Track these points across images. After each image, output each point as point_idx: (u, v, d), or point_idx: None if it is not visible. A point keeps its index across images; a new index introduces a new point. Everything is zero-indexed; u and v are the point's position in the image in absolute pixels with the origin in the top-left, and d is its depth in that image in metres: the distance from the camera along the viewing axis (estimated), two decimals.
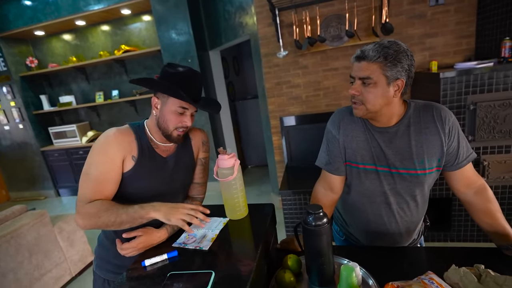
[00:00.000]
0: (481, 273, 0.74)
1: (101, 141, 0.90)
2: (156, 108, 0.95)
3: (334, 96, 2.57)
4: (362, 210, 1.02)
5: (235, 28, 2.97)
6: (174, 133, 0.95)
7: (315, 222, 0.78)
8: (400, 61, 0.81)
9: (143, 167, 0.94)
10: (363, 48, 0.85)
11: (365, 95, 0.86)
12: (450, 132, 0.88)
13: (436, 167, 0.91)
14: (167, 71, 0.92)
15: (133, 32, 3.85)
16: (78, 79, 4.25)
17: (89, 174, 0.87)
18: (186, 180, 1.09)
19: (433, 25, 2.21)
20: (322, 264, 0.81)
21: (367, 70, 0.83)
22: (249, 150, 4.65)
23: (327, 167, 1.02)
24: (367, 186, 0.97)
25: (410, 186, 0.93)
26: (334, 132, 0.99)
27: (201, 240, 0.88)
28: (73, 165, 4.25)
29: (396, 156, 0.91)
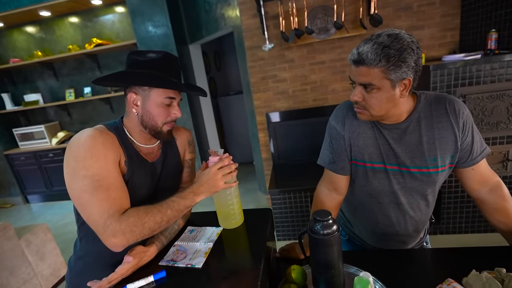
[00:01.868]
0: (503, 278, 0.68)
1: (89, 145, 0.71)
2: (136, 105, 0.81)
3: (322, 91, 2.50)
4: (369, 210, 0.95)
5: (216, 20, 2.82)
6: (164, 128, 0.84)
7: (324, 231, 0.69)
8: (405, 60, 0.70)
9: (135, 174, 0.81)
10: (360, 50, 0.72)
11: (368, 100, 0.77)
12: (464, 126, 0.80)
13: (449, 164, 0.84)
14: (136, 60, 0.79)
15: (105, 24, 3.58)
16: (45, 76, 3.91)
17: (101, 187, 0.69)
18: (174, 185, 0.97)
19: (419, 18, 2.20)
20: (332, 276, 0.72)
21: (367, 76, 0.73)
22: (232, 148, 4.52)
23: (331, 166, 0.93)
24: (375, 186, 0.89)
25: (422, 186, 0.86)
26: (338, 128, 0.90)
27: (193, 256, 0.76)
28: (43, 169, 3.93)
29: (406, 154, 0.83)
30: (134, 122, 0.83)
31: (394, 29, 0.73)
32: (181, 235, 0.87)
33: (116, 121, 0.86)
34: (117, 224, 0.67)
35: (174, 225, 0.89)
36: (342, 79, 2.45)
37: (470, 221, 2.03)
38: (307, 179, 2.26)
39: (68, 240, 2.79)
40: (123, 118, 0.87)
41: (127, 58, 0.81)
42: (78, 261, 0.87)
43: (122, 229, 0.67)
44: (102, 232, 0.68)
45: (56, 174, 3.90)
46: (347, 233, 1.11)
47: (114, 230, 0.67)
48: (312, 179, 2.24)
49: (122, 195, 0.73)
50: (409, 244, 0.99)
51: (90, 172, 0.69)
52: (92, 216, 0.68)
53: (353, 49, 0.76)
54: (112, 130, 0.80)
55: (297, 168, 2.53)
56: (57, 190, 4.00)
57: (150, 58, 0.78)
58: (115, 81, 0.81)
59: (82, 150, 0.71)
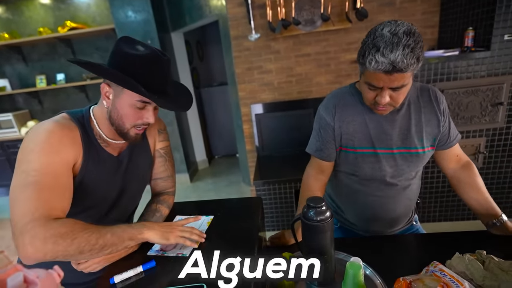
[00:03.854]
0: (484, 260, 0.72)
1: (43, 138, 0.65)
2: (108, 98, 0.74)
3: (306, 83, 2.51)
4: (360, 194, 0.98)
5: (201, 7, 2.73)
6: (132, 131, 0.75)
7: (317, 217, 0.69)
8: (423, 51, 0.74)
9: (90, 172, 0.74)
10: (393, 59, 0.69)
11: (396, 98, 0.80)
12: (444, 112, 0.90)
13: (431, 146, 0.91)
14: (122, 50, 0.70)
15: (80, 7, 3.37)
16: (13, 60, 3.63)
17: (33, 183, 0.60)
18: (142, 181, 0.90)
19: (401, 14, 2.25)
20: (324, 262, 0.73)
21: (401, 80, 0.74)
22: (215, 140, 4.47)
23: (318, 153, 0.97)
24: (365, 171, 0.93)
25: (411, 166, 0.92)
26: (328, 119, 0.93)
27: (183, 245, 0.74)
28: (11, 160, 3.68)
29: (398, 135, 0.90)
30: (104, 115, 0.76)
31: (396, 22, 0.73)
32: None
33: (83, 109, 0.78)
34: (41, 230, 0.56)
35: (156, 212, 0.85)
36: (327, 72, 2.47)
37: (444, 210, 2.15)
38: (292, 170, 2.28)
39: None
40: (92, 106, 0.79)
41: (115, 43, 0.73)
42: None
43: (45, 237, 0.56)
44: (17, 236, 0.56)
45: None
46: (338, 221, 1.13)
47: (34, 237, 0.55)
48: (296, 170, 2.26)
49: (57, 200, 0.63)
50: (400, 224, 1.03)
51: (30, 167, 0.62)
52: (14, 216, 0.58)
53: (376, 56, 0.71)
54: (76, 121, 0.73)
55: (281, 160, 2.54)
56: None
57: (137, 52, 0.70)
58: (90, 68, 0.72)
59: (32, 143, 0.65)
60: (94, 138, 0.76)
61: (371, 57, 0.72)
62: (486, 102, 1.86)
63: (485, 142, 1.95)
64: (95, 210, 0.79)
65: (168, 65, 0.75)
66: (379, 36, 0.72)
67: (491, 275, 0.67)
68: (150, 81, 0.70)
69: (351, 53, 2.39)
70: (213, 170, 4.10)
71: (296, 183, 2.19)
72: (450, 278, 0.64)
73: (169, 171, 0.94)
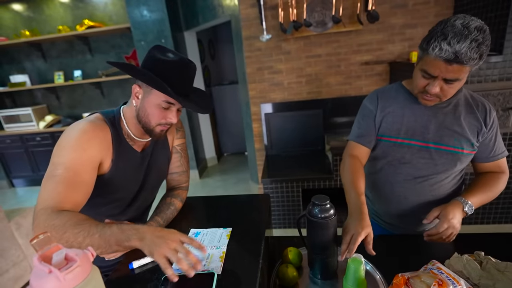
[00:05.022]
0: (482, 260, 0.75)
1: (75, 136, 0.72)
2: (137, 98, 0.81)
3: (316, 84, 2.54)
4: (388, 185, 1.02)
5: (214, 7, 2.79)
6: (157, 129, 0.82)
7: (322, 214, 0.74)
8: (488, 51, 0.74)
9: (119, 169, 0.81)
10: (458, 49, 0.70)
11: (446, 91, 0.81)
12: (491, 126, 0.91)
13: (469, 150, 0.92)
14: (154, 56, 0.78)
15: (97, 6, 3.47)
16: (33, 57, 3.78)
17: (56, 176, 0.67)
18: (161, 175, 0.98)
19: (414, 16, 2.24)
20: (327, 257, 0.77)
21: (458, 73, 0.75)
22: (224, 137, 4.54)
23: (358, 139, 1.02)
24: (398, 160, 0.97)
25: (445, 164, 0.94)
26: (371, 107, 1.00)
27: (207, 262, 0.70)
28: (29, 152, 3.84)
29: (437, 131, 0.92)
30: (133, 114, 0.83)
31: (471, 18, 0.73)
32: None
33: (114, 110, 0.86)
34: (42, 219, 0.62)
35: (170, 206, 0.91)
36: (337, 73, 2.49)
37: None
38: (299, 169, 2.32)
39: None
40: (123, 106, 0.87)
41: (149, 50, 0.81)
42: None
43: (44, 226, 0.61)
44: (35, 217, 0.65)
45: (43, 158, 3.82)
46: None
47: (38, 224, 0.62)
48: (304, 170, 2.30)
49: (71, 194, 0.68)
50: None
51: (58, 160, 0.69)
52: (38, 198, 0.67)
53: (442, 44, 0.72)
54: (108, 122, 0.80)
55: (289, 159, 2.58)
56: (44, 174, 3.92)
57: (165, 58, 0.77)
58: (125, 69, 0.79)
59: (66, 140, 0.72)
60: (123, 136, 0.84)
61: (436, 44, 0.73)
62: (497, 107, 1.85)
63: None
64: (121, 202, 0.86)
65: (194, 71, 0.82)
66: (450, 26, 0.72)
67: (488, 274, 0.70)
68: (176, 84, 0.77)
69: (362, 55, 2.40)
70: (222, 167, 4.17)
71: (303, 182, 2.23)
72: (447, 275, 0.67)
73: (184, 167, 1.01)
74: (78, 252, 0.40)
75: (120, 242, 0.62)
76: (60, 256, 0.38)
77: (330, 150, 2.29)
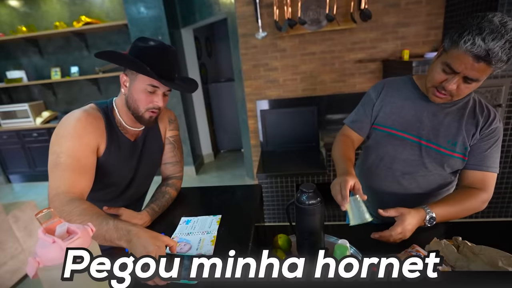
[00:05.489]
0: (459, 244, 0.80)
1: (71, 125, 0.77)
2: (125, 86, 0.86)
3: (311, 81, 2.58)
4: (377, 174, 1.04)
5: (210, 5, 2.81)
6: (146, 114, 0.86)
7: (309, 201, 0.78)
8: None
9: (112, 155, 0.86)
10: (491, 47, 0.67)
11: (461, 90, 0.79)
12: (488, 135, 0.87)
13: (461, 154, 0.89)
14: (136, 45, 0.83)
15: (94, 2, 3.48)
16: (30, 53, 3.78)
17: (60, 164, 0.73)
18: (154, 164, 1.03)
19: (406, 15, 2.29)
20: (314, 242, 0.82)
21: (481, 72, 0.72)
22: (221, 134, 4.57)
23: (352, 124, 1.07)
24: (389, 152, 0.98)
25: (433, 164, 0.93)
26: (373, 96, 1.02)
27: (199, 246, 0.75)
28: (26, 148, 3.84)
29: (432, 129, 0.91)
30: (123, 102, 0.88)
31: (509, 17, 0.69)
32: (177, 228, 0.83)
33: (107, 101, 0.91)
34: (57, 204, 0.69)
35: (165, 194, 0.95)
36: (331, 71, 2.53)
37: None
38: (294, 165, 2.36)
39: None
40: (115, 98, 0.91)
41: (133, 42, 0.85)
42: None
43: (56, 208, 0.69)
44: (49, 202, 0.72)
45: (40, 154, 3.83)
46: None
47: (55, 208, 0.69)
48: (298, 165, 2.35)
49: (77, 179, 0.74)
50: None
51: (58, 149, 0.75)
52: (49, 187, 0.74)
53: (476, 39, 0.68)
54: (101, 111, 0.85)
55: (284, 155, 2.63)
56: (41, 170, 3.93)
57: (146, 45, 0.82)
58: (107, 56, 0.83)
59: (63, 129, 0.77)
60: (116, 125, 0.88)
61: (470, 37, 0.69)
62: None
63: None
64: (114, 188, 0.90)
65: (174, 54, 0.86)
66: (487, 21, 0.68)
67: (463, 257, 0.75)
68: (157, 67, 0.81)
69: (355, 52, 2.45)
70: (218, 163, 4.21)
71: (297, 177, 2.27)
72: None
73: (177, 157, 1.04)
74: (79, 226, 0.44)
75: (112, 239, 0.65)
76: (62, 228, 0.42)
77: (324, 146, 2.34)
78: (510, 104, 1.89)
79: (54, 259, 0.40)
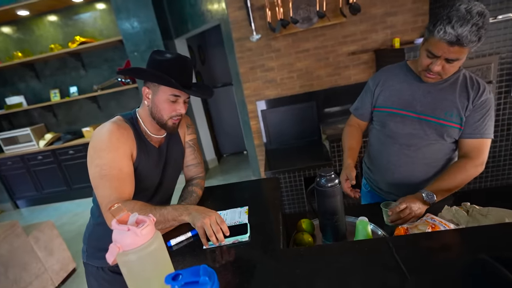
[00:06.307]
0: (468, 209, 0.87)
1: (106, 138, 0.84)
2: (148, 98, 0.93)
3: (307, 77, 2.66)
4: (384, 154, 1.13)
5: (202, 13, 2.89)
6: (169, 122, 0.93)
7: (328, 184, 0.85)
8: (485, 34, 0.81)
9: (142, 162, 0.93)
10: (460, 32, 0.79)
11: (447, 69, 0.90)
12: (480, 106, 0.95)
13: (457, 124, 0.98)
14: (155, 59, 0.89)
15: (87, 22, 3.55)
16: (27, 77, 3.83)
17: (106, 175, 0.81)
18: (177, 168, 1.09)
19: (393, 5, 2.38)
20: (336, 221, 0.89)
21: (459, 53, 0.84)
22: (222, 139, 4.64)
23: (355, 111, 1.23)
24: (391, 128, 1.08)
25: (434, 134, 1.01)
26: (371, 85, 1.15)
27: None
28: (31, 172, 3.88)
29: (429, 104, 1.00)
30: (146, 113, 0.94)
31: (474, 2, 0.80)
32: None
33: (131, 112, 0.97)
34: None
35: (193, 193, 1.02)
36: (326, 65, 2.62)
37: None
38: (299, 160, 2.43)
39: (68, 239, 2.83)
40: (137, 109, 0.98)
41: (150, 55, 0.92)
42: (97, 226, 1.00)
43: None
44: (104, 212, 0.82)
45: (47, 176, 3.86)
46: (368, 183, 1.28)
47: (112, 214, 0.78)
48: (304, 159, 2.42)
49: (124, 186, 0.83)
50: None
51: (101, 162, 0.82)
52: (99, 198, 0.82)
53: (447, 27, 0.80)
54: (128, 122, 0.92)
55: (288, 151, 2.70)
56: (48, 192, 3.97)
57: (165, 58, 0.88)
58: (132, 73, 0.92)
59: (99, 142, 0.84)
60: (142, 134, 0.94)
61: (441, 27, 0.81)
62: None
63: None
64: (146, 192, 0.96)
65: (191, 64, 0.94)
66: (455, 10, 0.80)
67: (473, 219, 0.83)
68: (178, 78, 0.88)
69: (348, 45, 2.53)
70: (223, 167, 4.27)
71: (304, 171, 2.34)
72: (439, 222, 0.79)
73: (198, 159, 1.11)
74: (144, 217, 0.51)
75: (175, 217, 0.81)
76: (134, 218, 0.48)
77: (326, 138, 2.41)
78: (500, 80, 1.99)
79: (130, 244, 0.47)
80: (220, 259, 0.71)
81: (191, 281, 0.41)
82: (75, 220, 3.42)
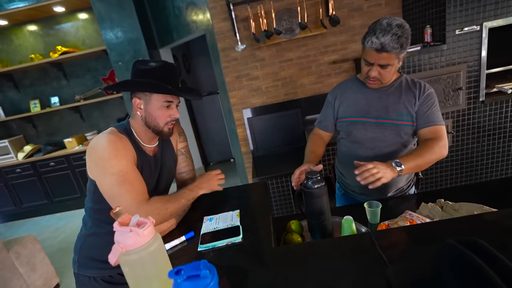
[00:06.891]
0: (442, 205, 0.95)
1: (110, 147, 0.85)
2: (140, 108, 0.94)
3: (291, 85, 2.75)
4: (352, 158, 1.18)
5: (187, 24, 2.94)
6: (165, 128, 0.96)
7: (315, 185, 0.90)
8: (408, 42, 1.00)
9: (142, 170, 0.95)
10: (383, 41, 0.96)
11: (383, 75, 1.06)
12: (425, 100, 1.10)
13: (409, 122, 1.12)
14: (139, 69, 0.91)
15: (68, 32, 3.51)
16: (4, 88, 3.72)
17: (125, 181, 0.84)
18: (172, 175, 1.12)
19: (369, 17, 2.53)
20: (323, 221, 0.94)
21: (387, 59, 1.01)
22: (209, 147, 4.64)
23: (318, 124, 1.35)
24: (354, 134, 1.19)
25: (391, 134, 1.14)
26: (330, 98, 1.29)
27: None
28: (9, 186, 3.72)
29: (382, 109, 1.14)
30: (139, 123, 0.96)
31: (395, 18, 0.98)
32: (203, 225, 0.93)
33: (124, 123, 0.99)
34: (149, 207, 0.86)
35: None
36: (309, 74, 2.72)
37: (444, 184, 2.41)
38: (285, 166, 2.49)
39: (51, 254, 2.73)
40: (129, 120, 0.99)
41: (132, 66, 0.93)
42: (89, 236, 1.00)
43: (152, 210, 0.85)
44: (136, 210, 0.84)
45: (26, 190, 3.72)
46: (342, 187, 1.36)
47: (147, 212, 0.84)
48: (290, 165, 2.47)
49: (143, 187, 0.90)
50: (390, 191, 1.22)
51: (116, 170, 0.84)
52: (124, 204, 0.83)
53: (372, 38, 0.98)
54: (123, 133, 0.93)
55: (275, 158, 2.75)
56: (28, 206, 3.81)
57: (151, 66, 0.90)
58: (122, 87, 0.94)
59: (106, 152, 0.85)
60: (138, 144, 0.96)
61: (369, 38, 0.99)
62: (448, 88, 2.14)
63: (452, 123, 2.24)
64: None
65: (177, 70, 0.98)
66: (379, 24, 0.99)
67: (447, 214, 0.90)
68: (170, 84, 0.90)
69: (329, 55, 2.65)
70: None
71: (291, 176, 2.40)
72: (417, 217, 0.86)
73: (190, 166, 1.14)
74: (145, 218, 0.54)
75: (194, 195, 0.97)
76: (136, 219, 0.51)
77: None
78: (469, 86, 2.14)
79: (132, 245, 0.49)
80: (215, 260, 0.74)
81: (193, 274, 0.45)
82: (57, 234, 3.30)
